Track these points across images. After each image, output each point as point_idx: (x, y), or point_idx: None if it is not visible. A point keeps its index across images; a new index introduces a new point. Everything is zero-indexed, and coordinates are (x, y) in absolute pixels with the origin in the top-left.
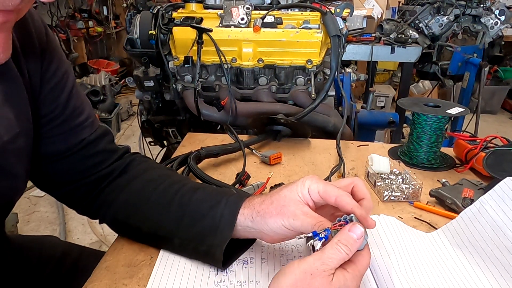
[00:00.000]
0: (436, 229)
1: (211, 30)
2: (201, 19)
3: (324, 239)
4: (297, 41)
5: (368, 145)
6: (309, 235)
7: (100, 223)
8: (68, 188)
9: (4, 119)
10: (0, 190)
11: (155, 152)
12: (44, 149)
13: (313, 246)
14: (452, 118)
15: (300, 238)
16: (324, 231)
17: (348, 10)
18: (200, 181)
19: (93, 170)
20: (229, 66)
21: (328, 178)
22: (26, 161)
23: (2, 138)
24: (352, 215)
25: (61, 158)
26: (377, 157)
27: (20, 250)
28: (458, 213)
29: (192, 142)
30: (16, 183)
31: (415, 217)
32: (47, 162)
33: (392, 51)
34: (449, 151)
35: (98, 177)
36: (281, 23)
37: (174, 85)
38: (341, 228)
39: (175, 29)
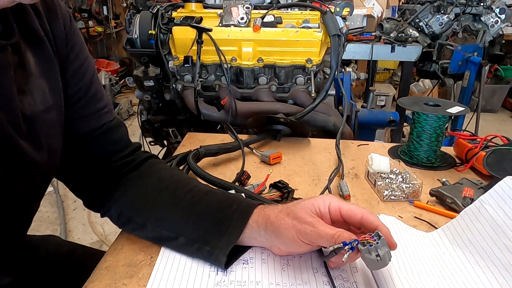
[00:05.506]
0: (436, 228)
1: (210, 30)
2: (201, 19)
3: (352, 250)
4: (297, 41)
5: (368, 144)
6: (339, 245)
7: (102, 216)
8: (83, 175)
9: (40, 90)
10: (40, 161)
11: (155, 152)
12: (68, 131)
13: (334, 250)
14: (453, 117)
15: (329, 248)
16: (354, 241)
17: (348, 9)
18: (200, 179)
19: (109, 159)
20: (229, 65)
21: (328, 186)
22: (60, 135)
23: (37, 107)
24: (376, 231)
25: (83, 142)
26: (377, 156)
27: (26, 249)
28: (458, 212)
29: (192, 142)
30: (53, 156)
31: (415, 217)
32: (69, 145)
33: (392, 50)
34: (449, 150)
35: (112, 167)
36: (281, 23)
37: (174, 85)
38: (368, 241)
39: (175, 29)
